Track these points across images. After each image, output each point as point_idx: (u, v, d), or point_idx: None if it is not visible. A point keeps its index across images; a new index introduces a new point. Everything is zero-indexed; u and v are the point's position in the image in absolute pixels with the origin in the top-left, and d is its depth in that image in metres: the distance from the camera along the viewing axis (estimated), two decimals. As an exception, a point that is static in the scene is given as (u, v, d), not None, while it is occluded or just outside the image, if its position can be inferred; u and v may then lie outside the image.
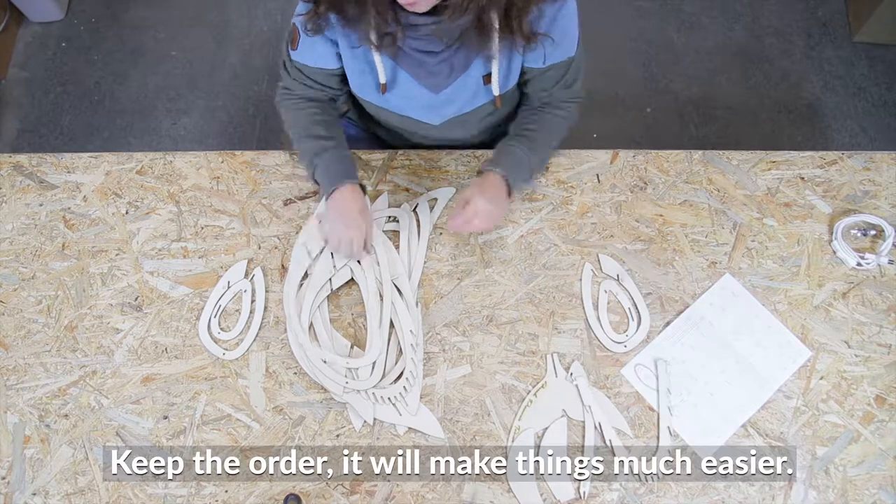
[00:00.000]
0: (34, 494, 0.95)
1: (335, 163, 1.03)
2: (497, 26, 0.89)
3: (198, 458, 0.96)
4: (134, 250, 1.11)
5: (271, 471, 0.95)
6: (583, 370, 1.00)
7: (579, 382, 0.99)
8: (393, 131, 1.19)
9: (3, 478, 0.96)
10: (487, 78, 1.00)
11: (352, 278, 1.06)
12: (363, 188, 1.05)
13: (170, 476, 0.95)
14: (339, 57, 1.02)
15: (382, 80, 0.99)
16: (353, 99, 1.19)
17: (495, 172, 1.01)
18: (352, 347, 1.02)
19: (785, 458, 0.95)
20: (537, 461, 0.95)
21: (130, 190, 1.16)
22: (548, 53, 0.98)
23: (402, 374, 0.99)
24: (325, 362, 0.99)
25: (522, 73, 1.04)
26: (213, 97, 2.18)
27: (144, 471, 0.95)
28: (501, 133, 1.11)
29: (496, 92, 1.01)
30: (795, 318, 1.04)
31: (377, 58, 0.97)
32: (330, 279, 1.05)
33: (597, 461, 0.95)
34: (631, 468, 0.94)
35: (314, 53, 1.01)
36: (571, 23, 0.97)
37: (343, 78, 1.06)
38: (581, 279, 1.06)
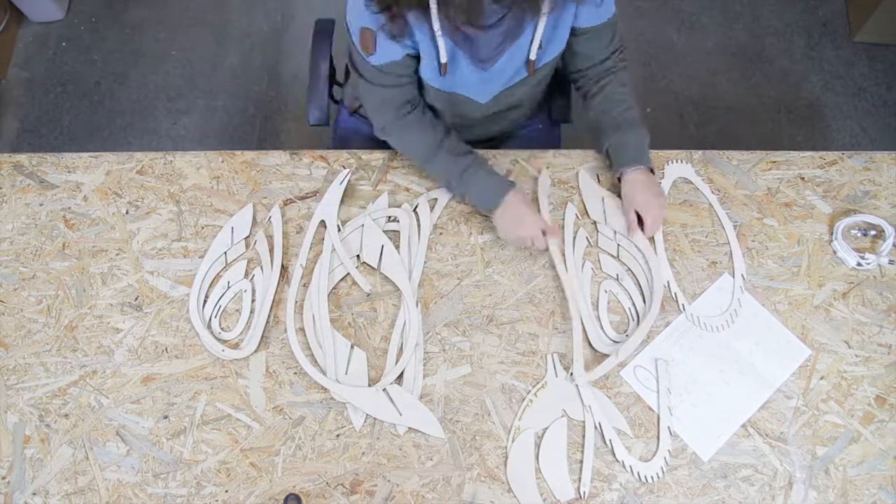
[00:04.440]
0: (34, 494, 0.95)
1: (485, 178, 1.05)
2: None
3: (198, 458, 0.96)
4: (134, 250, 1.11)
5: (271, 471, 0.95)
6: (583, 370, 1.00)
7: (579, 382, 0.99)
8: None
9: (4, 478, 0.96)
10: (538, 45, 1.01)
11: (349, 274, 1.06)
12: (513, 183, 1.07)
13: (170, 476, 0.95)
14: (415, 44, 0.99)
15: (443, 59, 0.99)
16: None
17: (641, 169, 1.06)
18: (352, 348, 1.02)
19: (785, 458, 0.95)
20: (537, 461, 0.95)
21: (130, 190, 1.16)
22: (599, 10, 1.01)
23: (402, 374, 1.00)
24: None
25: (574, 39, 1.05)
26: (213, 97, 2.18)
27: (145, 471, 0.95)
28: (534, 111, 1.16)
29: (532, 56, 1.02)
30: (795, 318, 1.04)
31: (439, 38, 0.96)
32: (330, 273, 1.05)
33: (596, 461, 0.95)
34: (631, 468, 0.94)
35: (395, 46, 0.98)
36: None
37: (419, 61, 1.04)
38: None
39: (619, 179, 1.09)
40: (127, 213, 1.14)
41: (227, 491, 0.94)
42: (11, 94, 2.20)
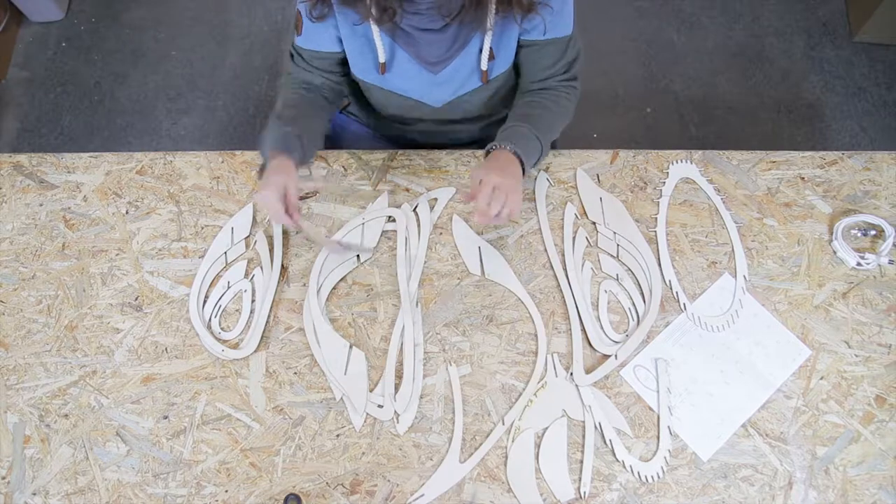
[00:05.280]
0: (34, 494, 0.95)
1: (276, 138, 0.96)
2: None
3: (198, 458, 0.96)
4: (134, 250, 1.11)
5: (271, 471, 0.95)
6: (583, 370, 1.00)
7: (579, 382, 0.99)
8: (394, 119, 1.19)
9: (3, 478, 0.96)
10: (489, 55, 1.00)
11: (354, 271, 1.06)
12: (296, 160, 0.96)
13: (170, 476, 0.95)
14: (340, 41, 1.03)
15: (382, 59, 1.00)
16: (353, 90, 1.19)
17: (503, 149, 0.96)
18: (350, 348, 1.02)
19: (785, 458, 0.95)
20: (537, 461, 0.95)
21: (130, 190, 1.16)
22: (548, 25, 0.97)
23: (402, 374, 1.00)
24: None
25: (519, 50, 1.03)
26: (213, 97, 2.18)
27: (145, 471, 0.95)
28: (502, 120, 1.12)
29: (483, 67, 1.01)
30: (795, 318, 1.04)
31: (376, 36, 0.97)
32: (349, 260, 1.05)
33: (597, 461, 0.95)
34: (631, 468, 0.94)
35: (317, 38, 1.02)
36: None
37: (345, 63, 1.07)
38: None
39: (487, 153, 0.99)
40: (127, 213, 1.14)
41: (227, 491, 0.95)
42: (11, 94, 2.21)
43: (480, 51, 1.00)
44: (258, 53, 2.25)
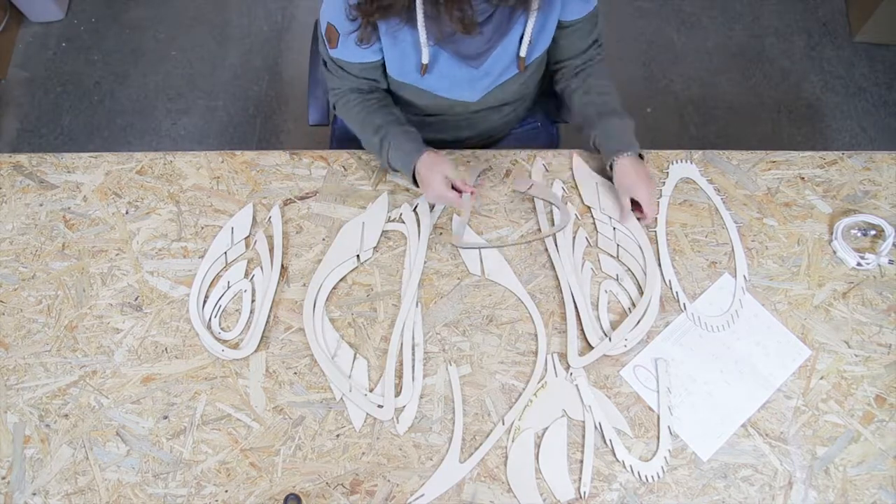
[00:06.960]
0: (34, 494, 0.95)
1: (400, 145, 1.04)
2: None
3: (198, 458, 0.96)
4: (134, 250, 1.11)
5: (271, 471, 0.95)
6: (583, 370, 1.00)
7: (579, 382, 0.99)
8: (422, 120, 1.19)
9: (4, 478, 0.96)
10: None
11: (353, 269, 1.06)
12: (434, 150, 1.05)
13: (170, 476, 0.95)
14: (380, 49, 1.02)
15: (425, 60, 1.00)
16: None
17: (628, 155, 1.05)
18: (351, 348, 1.02)
19: (785, 458, 0.95)
20: (537, 461, 0.95)
21: (130, 190, 1.16)
22: (584, 2, 1.02)
23: (401, 374, 1.00)
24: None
25: (558, 32, 1.06)
26: (213, 97, 2.18)
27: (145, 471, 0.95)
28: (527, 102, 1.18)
29: (522, 53, 1.02)
30: (795, 318, 1.04)
31: (423, 39, 0.96)
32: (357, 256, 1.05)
33: (597, 461, 0.95)
34: (631, 468, 0.94)
35: (355, 49, 1.02)
36: None
37: (384, 68, 1.07)
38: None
39: (611, 168, 1.08)
40: (127, 213, 1.14)
41: (227, 491, 0.94)
42: (11, 94, 2.21)
43: (521, 39, 1.01)
44: (258, 53, 2.25)
